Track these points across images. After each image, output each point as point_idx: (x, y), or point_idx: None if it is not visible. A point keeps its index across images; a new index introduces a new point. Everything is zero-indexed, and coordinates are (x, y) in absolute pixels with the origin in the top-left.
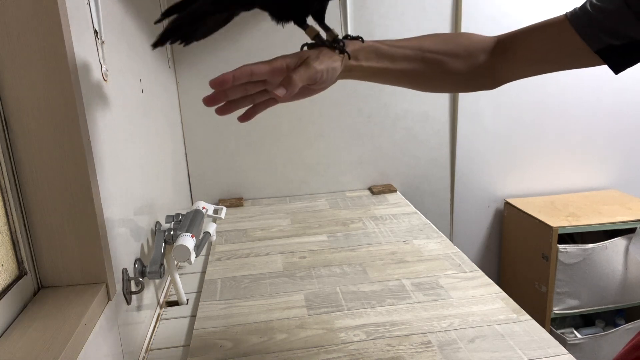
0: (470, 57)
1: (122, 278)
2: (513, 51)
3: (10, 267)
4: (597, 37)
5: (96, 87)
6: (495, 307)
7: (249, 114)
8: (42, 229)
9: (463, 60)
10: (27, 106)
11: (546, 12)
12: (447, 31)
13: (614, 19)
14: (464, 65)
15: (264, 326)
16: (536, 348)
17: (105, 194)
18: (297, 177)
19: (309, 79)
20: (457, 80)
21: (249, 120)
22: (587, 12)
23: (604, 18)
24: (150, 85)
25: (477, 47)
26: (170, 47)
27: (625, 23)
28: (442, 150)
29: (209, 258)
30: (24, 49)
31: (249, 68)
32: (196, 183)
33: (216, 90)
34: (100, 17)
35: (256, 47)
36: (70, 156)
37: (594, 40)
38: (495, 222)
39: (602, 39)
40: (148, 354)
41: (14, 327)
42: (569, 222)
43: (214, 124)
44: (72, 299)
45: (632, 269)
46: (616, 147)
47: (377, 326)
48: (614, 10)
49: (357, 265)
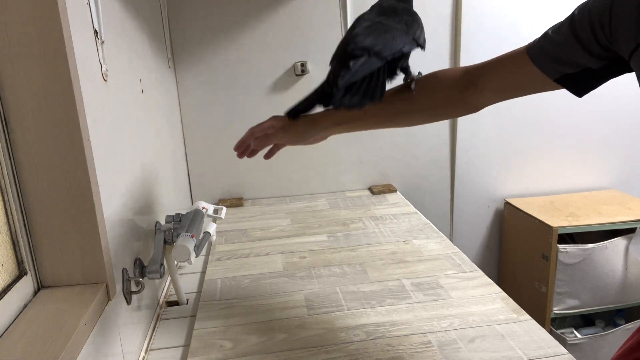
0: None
1: (122, 278)
2: (481, 82)
3: (10, 267)
4: (552, 68)
5: (96, 87)
6: (495, 307)
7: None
8: (42, 229)
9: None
10: (27, 106)
11: (545, 11)
12: (447, 31)
13: (564, 50)
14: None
15: (264, 326)
16: (536, 348)
17: (105, 194)
18: (297, 177)
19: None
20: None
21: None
22: (542, 44)
23: (555, 49)
24: (150, 85)
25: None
26: (170, 47)
27: (574, 53)
28: (442, 150)
29: (209, 258)
30: (24, 49)
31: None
32: (196, 183)
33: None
34: (100, 17)
35: (256, 47)
36: (70, 156)
37: (550, 70)
38: (495, 222)
39: (557, 69)
40: (148, 354)
41: (14, 327)
42: (569, 222)
43: (214, 124)
44: (72, 299)
45: (632, 269)
46: (616, 147)
47: (377, 326)
48: (563, 42)
49: (357, 265)
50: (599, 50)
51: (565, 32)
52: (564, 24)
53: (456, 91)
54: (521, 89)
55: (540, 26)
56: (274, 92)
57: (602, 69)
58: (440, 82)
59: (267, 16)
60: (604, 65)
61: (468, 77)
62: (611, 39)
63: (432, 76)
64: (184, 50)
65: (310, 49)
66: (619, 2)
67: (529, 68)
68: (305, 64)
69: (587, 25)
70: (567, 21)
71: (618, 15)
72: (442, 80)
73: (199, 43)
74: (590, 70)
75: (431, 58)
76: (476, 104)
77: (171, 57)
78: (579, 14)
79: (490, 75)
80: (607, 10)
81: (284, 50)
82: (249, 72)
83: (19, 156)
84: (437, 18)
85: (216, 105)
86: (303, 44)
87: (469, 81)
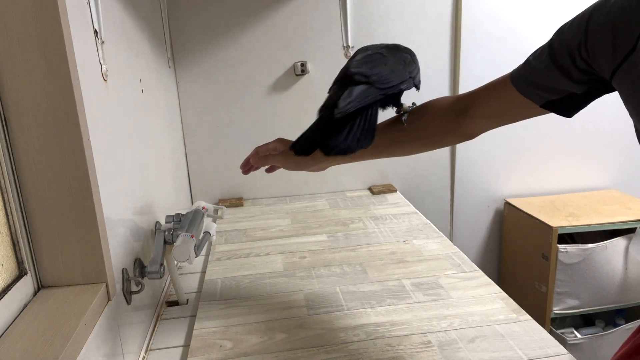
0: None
1: (122, 278)
2: (472, 110)
3: (10, 267)
4: (536, 94)
5: (96, 87)
6: (495, 307)
7: (271, 169)
8: (42, 229)
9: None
10: (27, 106)
11: (544, 12)
12: (447, 31)
13: (546, 77)
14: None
15: (264, 326)
16: (536, 348)
17: (105, 194)
18: (297, 177)
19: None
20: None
21: (272, 172)
22: (524, 72)
23: (536, 77)
24: (150, 85)
25: (438, 112)
26: (170, 47)
27: (556, 80)
28: (442, 150)
29: (209, 258)
30: (24, 49)
31: (255, 150)
32: (196, 183)
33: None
34: (100, 17)
35: (256, 47)
36: (70, 156)
37: (535, 97)
38: (495, 222)
39: (541, 96)
40: (148, 354)
41: (14, 327)
42: (569, 222)
43: (214, 124)
44: (72, 299)
45: (632, 269)
46: (616, 147)
47: (377, 326)
48: (544, 69)
49: (357, 265)
50: (579, 76)
51: (546, 59)
52: (544, 51)
53: (449, 120)
54: (511, 116)
55: (539, 26)
56: (274, 92)
57: (585, 93)
58: (433, 111)
59: (267, 16)
60: (587, 89)
61: (459, 106)
62: (590, 62)
63: (424, 106)
64: (184, 50)
65: (310, 49)
66: (593, 25)
67: (514, 96)
68: (305, 64)
69: (565, 51)
70: (546, 48)
71: (594, 38)
72: (435, 110)
73: (199, 43)
74: (574, 95)
75: (431, 58)
76: (470, 131)
77: (171, 57)
78: (557, 40)
79: (480, 103)
80: (582, 34)
81: (284, 50)
82: (249, 72)
83: (19, 156)
84: (437, 18)
85: (216, 105)
86: (303, 44)
87: (460, 110)
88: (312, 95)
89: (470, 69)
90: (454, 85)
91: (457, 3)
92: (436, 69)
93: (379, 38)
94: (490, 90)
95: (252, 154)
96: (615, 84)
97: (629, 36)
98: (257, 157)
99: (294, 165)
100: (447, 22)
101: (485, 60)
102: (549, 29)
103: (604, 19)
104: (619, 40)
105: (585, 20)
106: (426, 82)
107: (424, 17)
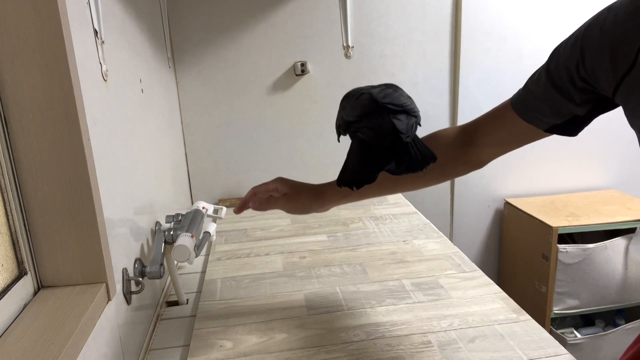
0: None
1: (122, 278)
2: (477, 139)
3: (10, 267)
4: (540, 120)
5: (96, 87)
6: (495, 307)
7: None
8: (42, 229)
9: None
10: (27, 106)
11: (544, 12)
12: (447, 31)
13: (547, 101)
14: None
15: (264, 326)
16: (536, 348)
17: (105, 194)
18: (297, 177)
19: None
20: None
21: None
22: (524, 97)
23: (537, 102)
24: (150, 85)
25: (445, 143)
26: (170, 47)
27: (557, 104)
28: None
29: (209, 258)
30: (24, 49)
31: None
32: (196, 183)
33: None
34: (100, 17)
35: (256, 47)
36: (70, 156)
37: (539, 123)
38: (495, 222)
39: (544, 121)
40: (148, 354)
41: (14, 327)
42: (569, 222)
43: (214, 124)
44: (72, 299)
45: (632, 269)
46: (616, 147)
47: (377, 326)
48: (544, 93)
49: (357, 265)
50: (579, 96)
51: (544, 83)
52: (542, 74)
53: (457, 149)
54: (517, 142)
55: (539, 26)
56: (274, 92)
57: (588, 113)
58: (440, 143)
59: (267, 16)
60: (589, 110)
61: (465, 136)
62: (590, 81)
63: (432, 138)
64: (184, 50)
65: (310, 49)
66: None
67: (518, 122)
68: (305, 64)
69: (563, 73)
70: (543, 71)
71: (591, 57)
72: (441, 142)
73: (199, 43)
74: (577, 117)
75: (431, 58)
76: (479, 160)
77: (171, 57)
78: (554, 62)
79: (484, 131)
80: (578, 54)
81: (284, 50)
82: (249, 72)
83: (19, 156)
84: (437, 18)
85: (216, 105)
86: (303, 44)
87: (466, 140)
88: (312, 95)
89: (470, 69)
90: (454, 85)
91: (457, 3)
92: (436, 69)
93: (379, 38)
94: (493, 118)
95: (249, 196)
96: (618, 100)
97: (628, 51)
98: (258, 201)
99: (300, 210)
100: (447, 22)
101: (485, 59)
102: (549, 29)
103: (599, 36)
104: (618, 56)
105: (580, 39)
106: (426, 82)
107: (424, 17)
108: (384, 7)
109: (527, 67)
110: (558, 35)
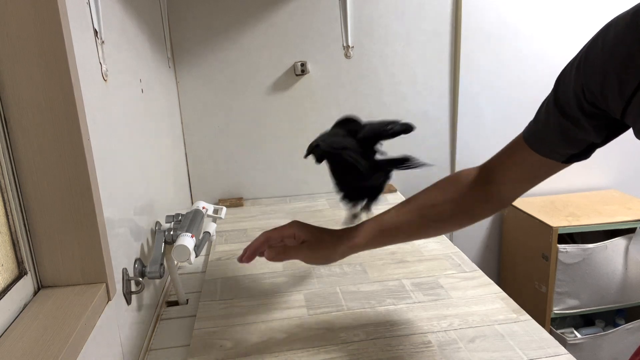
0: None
1: (122, 278)
2: (496, 178)
3: (10, 267)
4: (556, 152)
5: (96, 87)
6: (495, 307)
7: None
8: (42, 229)
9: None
10: (27, 106)
11: (544, 10)
12: (447, 31)
13: (561, 133)
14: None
15: (264, 326)
16: (536, 348)
17: (105, 194)
18: (297, 177)
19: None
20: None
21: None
22: (537, 129)
23: (549, 133)
24: (150, 85)
25: (467, 183)
26: (170, 47)
27: (572, 133)
28: (442, 150)
29: (209, 258)
30: (24, 49)
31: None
32: (196, 183)
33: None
34: (100, 17)
35: (256, 47)
36: (70, 156)
37: (555, 156)
38: (495, 222)
39: (561, 152)
40: (148, 354)
41: (14, 327)
42: (569, 222)
43: (214, 124)
44: (72, 299)
45: (632, 269)
46: (616, 147)
47: (377, 326)
48: (557, 125)
49: (357, 265)
50: (590, 123)
51: (553, 112)
52: (550, 104)
53: (479, 189)
54: (537, 176)
55: (540, 26)
56: (274, 92)
57: (604, 141)
58: (463, 182)
59: (267, 16)
60: (605, 137)
61: (484, 176)
62: (598, 104)
63: (454, 178)
64: (184, 50)
65: (310, 49)
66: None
67: (533, 156)
68: (305, 64)
69: (573, 100)
70: (551, 101)
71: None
72: (464, 181)
73: (199, 43)
74: (593, 144)
75: (431, 58)
76: (501, 198)
77: (171, 57)
78: (560, 90)
79: (502, 169)
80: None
81: (284, 50)
82: (249, 72)
83: (19, 156)
84: (437, 18)
85: (216, 105)
86: (303, 44)
87: (486, 180)
88: (312, 96)
89: (470, 69)
90: (454, 85)
91: (457, 3)
92: (436, 69)
93: (379, 38)
94: (508, 155)
95: (261, 242)
96: (628, 121)
97: (635, 69)
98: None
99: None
100: (447, 22)
101: (485, 59)
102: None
103: (601, 57)
104: (624, 75)
105: (582, 63)
106: (426, 82)
107: (424, 17)
108: (384, 7)
109: (527, 67)
110: (558, 35)
